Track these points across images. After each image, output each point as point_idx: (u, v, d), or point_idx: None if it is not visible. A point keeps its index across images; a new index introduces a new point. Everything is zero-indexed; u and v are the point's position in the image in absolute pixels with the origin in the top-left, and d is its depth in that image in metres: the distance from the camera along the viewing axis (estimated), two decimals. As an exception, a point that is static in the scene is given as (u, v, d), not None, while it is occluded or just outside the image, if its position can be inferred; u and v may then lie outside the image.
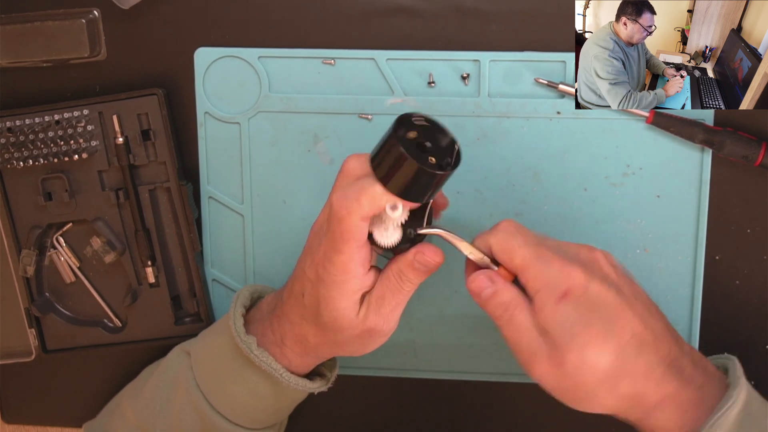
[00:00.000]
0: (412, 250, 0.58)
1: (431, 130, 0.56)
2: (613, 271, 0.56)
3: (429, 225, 0.58)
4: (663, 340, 0.54)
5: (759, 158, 0.66)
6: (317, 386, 0.65)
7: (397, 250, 0.58)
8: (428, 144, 0.55)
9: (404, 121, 0.55)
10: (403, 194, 0.54)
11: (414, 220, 0.58)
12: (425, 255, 0.57)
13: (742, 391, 0.54)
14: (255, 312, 0.66)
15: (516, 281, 0.57)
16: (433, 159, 0.54)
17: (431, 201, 0.58)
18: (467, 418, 0.76)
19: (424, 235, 0.59)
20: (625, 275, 0.56)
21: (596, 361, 0.52)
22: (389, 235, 0.57)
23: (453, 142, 0.56)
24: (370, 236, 0.57)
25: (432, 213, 0.59)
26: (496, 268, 0.57)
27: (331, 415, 0.77)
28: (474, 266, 0.59)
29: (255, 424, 0.65)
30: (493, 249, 0.56)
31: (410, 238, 0.58)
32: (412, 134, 0.55)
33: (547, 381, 0.54)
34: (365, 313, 0.59)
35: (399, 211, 0.55)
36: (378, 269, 0.60)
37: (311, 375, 0.66)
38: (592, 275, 0.54)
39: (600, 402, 0.54)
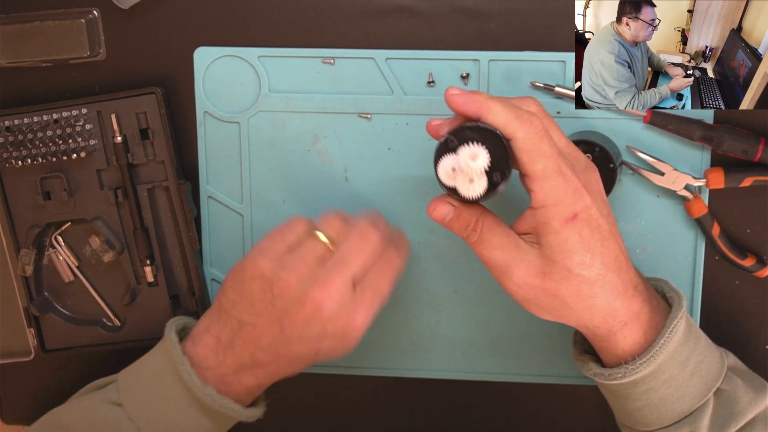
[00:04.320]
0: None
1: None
2: (603, 192, 0.59)
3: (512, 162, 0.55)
4: (631, 265, 0.59)
5: (758, 153, 0.66)
6: (261, 411, 0.65)
7: (481, 200, 0.56)
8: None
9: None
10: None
11: (496, 160, 0.54)
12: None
13: (684, 304, 0.59)
14: (193, 359, 0.62)
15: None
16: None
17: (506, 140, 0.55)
18: (467, 418, 0.75)
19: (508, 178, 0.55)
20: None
21: (584, 278, 0.56)
22: (475, 187, 0.54)
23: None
24: (454, 190, 0.55)
25: (510, 149, 0.55)
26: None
27: (331, 415, 0.77)
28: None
29: None
30: (517, 144, 0.54)
31: (496, 183, 0.54)
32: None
33: (523, 290, 0.57)
34: (357, 304, 0.60)
35: (481, 159, 0.53)
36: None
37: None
38: (595, 198, 0.56)
39: (575, 315, 0.57)
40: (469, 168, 0.53)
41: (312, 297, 0.58)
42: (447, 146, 0.54)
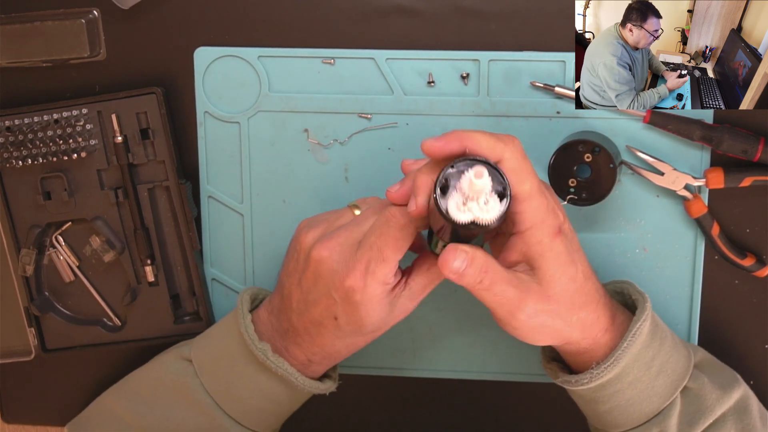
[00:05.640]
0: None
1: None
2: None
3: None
4: (595, 275, 0.60)
5: (758, 153, 0.66)
6: (328, 387, 0.65)
7: (499, 221, 0.51)
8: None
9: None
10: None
11: (495, 175, 0.52)
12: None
13: (647, 306, 0.60)
14: (256, 322, 0.65)
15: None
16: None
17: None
18: (467, 417, 0.75)
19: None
20: None
21: (574, 290, 0.57)
22: (491, 207, 0.50)
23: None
24: (473, 224, 0.50)
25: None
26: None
27: (331, 414, 0.77)
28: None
29: (265, 427, 0.65)
30: (506, 164, 0.52)
31: (506, 195, 0.51)
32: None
33: (532, 319, 0.56)
34: (400, 301, 0.60)
35: (485, 175, 0.50)
36: None
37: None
38: (565, 215, 0.57)
39: (568, 331, 0.58)
40: (476, 191, 0.50)
41: (314, 251, 0.59)
42: (445, 189, 0.51)
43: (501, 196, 0.51)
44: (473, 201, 0.50)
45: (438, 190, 0.51)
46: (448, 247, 0.54)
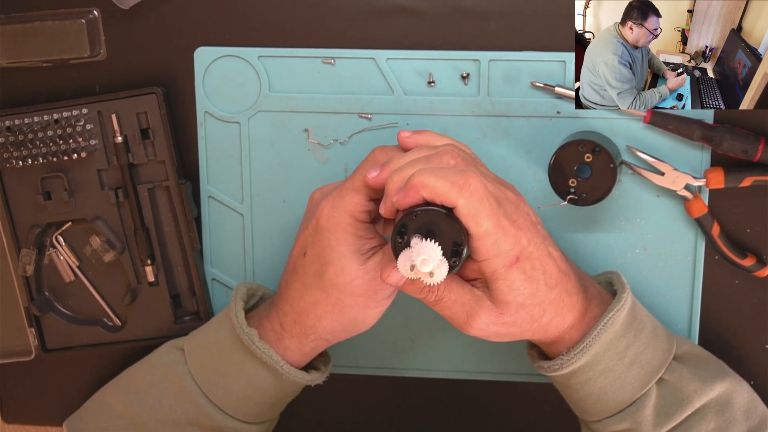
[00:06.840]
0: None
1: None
2: (535, 215, 0.61)
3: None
4: (570, 270, 0.61)
5: (758, 153, 0.66)
6: (314, 378, 0.66)
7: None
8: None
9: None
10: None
11: (450, 233, 0.55)
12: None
13: (625, 297, 0.61)
14: (252, 314, 0.67)
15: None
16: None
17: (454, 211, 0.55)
18: (467, 417, 0.75)
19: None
20: (536, 215, 0.61)
21: (534, 305, 0.58)
22: (437, 277, 0.54)
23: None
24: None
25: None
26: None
27: (331, 414, 0.77)
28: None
29: (251, 417, 0.66)
30: (460, 210, 0.54)
31: (456, 264, 0.55)
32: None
33: (485, 331, 0.59)
34: (376, 262, 0.60)
35: (433, 259, 0.53)
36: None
37: (307, 369, 0.66)
38: (530, 236, 0.58)
39: (530, 333, 0.60)
40: (422, 272, 0.53)
41: (312, 194, 0.64)
42: (399, 244, 0.54)
43: (457, 247, 0.54)
44: (420, 271, 0.53)
45: (396, 236, 0.54)
46: (390, 265, 0.57)
